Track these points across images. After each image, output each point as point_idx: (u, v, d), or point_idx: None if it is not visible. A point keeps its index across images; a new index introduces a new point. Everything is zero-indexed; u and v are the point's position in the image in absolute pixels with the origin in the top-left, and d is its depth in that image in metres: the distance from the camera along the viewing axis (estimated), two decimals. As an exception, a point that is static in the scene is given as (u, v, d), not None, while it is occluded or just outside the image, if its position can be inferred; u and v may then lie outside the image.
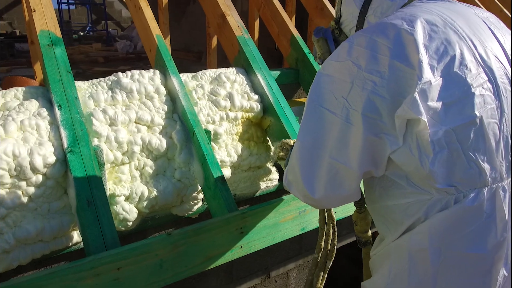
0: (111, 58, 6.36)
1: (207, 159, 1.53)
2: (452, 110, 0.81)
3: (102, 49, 7.19)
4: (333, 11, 2.57)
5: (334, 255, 1.43)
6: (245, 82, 1.92)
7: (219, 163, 1.69)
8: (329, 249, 1.43)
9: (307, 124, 0.94)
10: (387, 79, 0.82)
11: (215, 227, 1.34)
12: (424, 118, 0.79)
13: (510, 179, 0.89)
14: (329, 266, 1.45)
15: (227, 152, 1.77)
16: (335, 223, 1.41)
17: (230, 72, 1.90)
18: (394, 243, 0.94)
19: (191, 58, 6.21)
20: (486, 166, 0.84)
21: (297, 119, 1.92)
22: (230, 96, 1.79)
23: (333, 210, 1.44)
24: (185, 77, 1.81)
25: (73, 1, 11.71)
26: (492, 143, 0.84)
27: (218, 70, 1.90)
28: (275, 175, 1.97)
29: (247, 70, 1.98)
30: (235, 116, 1.79)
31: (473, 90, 0.82)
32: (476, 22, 0.92)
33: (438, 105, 0.80)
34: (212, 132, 1.71)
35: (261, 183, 1.96)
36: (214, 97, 1.77)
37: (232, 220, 1.37)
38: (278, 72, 2.18)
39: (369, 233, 1.32)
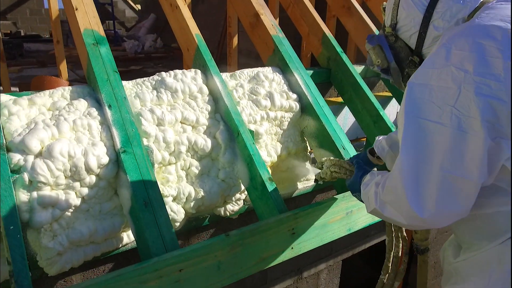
0: (121, 58, 6.32)
1: (253, 159, 1.52)
2: None
3: (111, 49, 7.13)
4: (360, 8, 2.56)
5: (404, 275, 1.35)
6: (283, 81, 1.90)
7: (262, 163, 1.67)
8: (399, 270, 1.39)
9: (408, 139, 0.87)
10: (503, 82, 0.78)
11: (270, 227, 1.32)
12: None
13: None
14: (397, 287, 1.42)
15: (267, 152, 1.76)
16: (407, 244, 1.34)
17: (268, 71, 1.89)
18: (496, 249, 0.91)
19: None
20: None
21: (335, 118, 1.90)
22: (270, 95, 1.77)
23: (404, 230, 1.36)
24: (224, 76, 1.80)
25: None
26: None
27: (256, 69, 1.88)
28: (311, 175, 1.95)
29: (282, 69, 1.97)
30: (275, 116, 1.78)
31: None
32: None
33: None
34: (254, 132, 1.69)
35: (298, 183, 1.95)
36: (254, 97, 1.75)
37: (285, 221, 1.36)
38: (311, 71, 2.16)
39: (429, 240, 1.30)
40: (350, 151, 1.75)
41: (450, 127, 0.81)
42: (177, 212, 1.47)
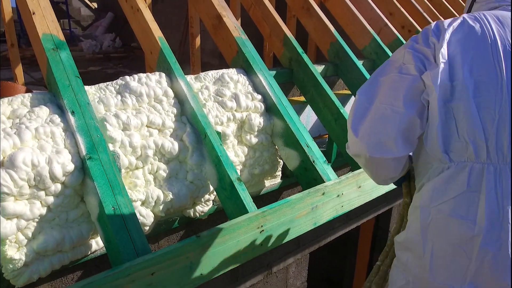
0: (78, 59, 6.08)
1: (221, 160, 1.55)
2: (458, 89, 1.02)
3: (67, 49, 6.87)
4: (318, 9, 2.65)
5: None
6: (247, 82, 1.94)
7: (229, 164, 1.71)
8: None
9: (369, 82, 1.14)
10: (431, 48, 1.08)
11: (239, 226, 1.36)
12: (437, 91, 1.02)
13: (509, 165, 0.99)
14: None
15: (234, 152, 1.80)
16: None
17: (232, 73, 1.92)
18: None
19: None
20: (471, 142, 1.00)
21: (299, 117, 1.97)
22: (235, 97, 1.81)
23: None
24: (189, 78, 1.81)
25: None
26: (479, 124, 1.00)
27: (221, 71, 1.91)
28: (277, 173, 2.02)
29: (247, 70, 2.01)
30: (241, 117, 1.82)
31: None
32: None
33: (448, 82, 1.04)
34: (221, 133, 1.73)
35: (265, 181, 2.00)
36: (220, 98, 1.78)
37: (254, 219, 1.40)
38: (274, 72, 2.22)
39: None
40: (313, 148, 1.83)
41: (394, 74, 1.08)
42: (146, 216, 1.48)
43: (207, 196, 1.68)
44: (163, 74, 1.72)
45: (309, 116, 2.36)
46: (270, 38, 2.44)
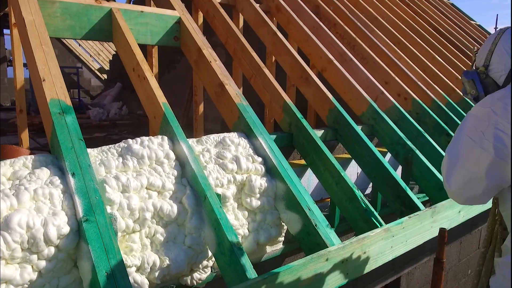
0: (85, 126, 6.27)
1: (221, 223, 1.51)
2: None
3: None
4: (316, 78, 2.78)
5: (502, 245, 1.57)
6: (248, 145, 1.97)
7: (229, 228, 1.67)
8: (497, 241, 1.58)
9: (454, 143, 1.29)
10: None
11: (238, 295, 1.29)
12: None
13: None
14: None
15: (234, 215, 1.76)
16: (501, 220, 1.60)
17: (234, 136, 1.96)
18: None
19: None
20: None
21: (300, 180, 1.96)
22: (236, 159, 1.82)
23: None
24: (191, 142, 1.84)
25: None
26: None
27: (222, 135, 1.95)
28: (280, 238, 1.95)
29: (247, 134, 2.05)
30: (242, 179, 1.81)
31: None
32: None
33: None
34: (221, 196, 1.71)
35: (267, 247, 1.93)
36: (221, 160, 1.80)
37: (255, 286, 1.33)
38: (274, 136, 2.26)
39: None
40: (315, 211, 1.79)
41: (476, 144, 1.21)
42: (141, 284, 1.40)
43: (205, 262, 1.61)
44: (166, 137, 1.75)
45: (310, 180, 2.36)
46: (270, 105, 2.53)
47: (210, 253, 1.60)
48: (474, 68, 1.48)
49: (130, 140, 1.66)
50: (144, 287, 1.41)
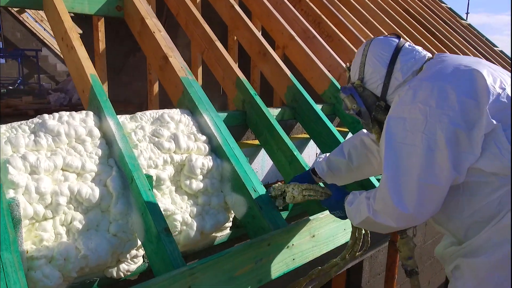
0: (43, 111, 5.91)
1: (147, 208, 1.34)
2: None
3: (33, 102, 6.72)
4: (274, 54, 2.61)
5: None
6: (191, 122, 1.79)
7: (163, 212, 1.50)
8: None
9: (390, 159, 1.16)
10: (459, 111, 1.09)
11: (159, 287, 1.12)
12: (497, 122, 1.08)
13: None
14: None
15: (171, 199, 1.59)
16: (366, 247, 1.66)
17: (175, 113, 1.77)
18: (494, 228, 1.12)
19: (133, 110, 5.98)
20: None
21: (247, 160, 1.81)
22: (175, 137, 1.64)
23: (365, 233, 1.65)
24: (123, 118, 1.65)
25: (2, 55, 11.10)
26: None
27: (161, 111, 1.76)
28: (227, 224, 1.80)
29: (192, 111, 1.87)
30: (181, 159, 1.64)
31: None
32: (491, 65, 1.21)
33: (505, 112, 1.10)
34: (155, 178, 1.53)
35: (215, 234, 1.77)
36: (156, 139, 1.61)
37: (179, 278, 1.17)
38: (225, 114, 2.09)
39: (415, 261, 1.50)
40: (261, 192, 1.64)
41: (422, 148, 1.11)
42: (51, 277, 1.22)
43: (134, 252, 1.44)
44: (91, 113, 1.55)
45: (264, 161, 2.21)
46: (223, 81, 2.35)
47: (139, 242, 1.43)
48: (350, 83, 1.43)
49: (45, 115, 1.45)
50: (54, 280, 1.22)
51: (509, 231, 1.10)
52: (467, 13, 10.28)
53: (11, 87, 10.31)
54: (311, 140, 2.43)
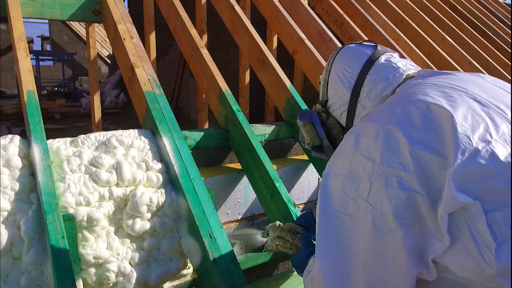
0: (69, 115, 6.00)
1: (53, 262, 1.07)
2: (509, 184, 0.63)
3: (66, 105, 6.87)
4: (275, 62, 2.27)
5: None
6: (148, 147, 1.51)
7: (92, 261, 1.23)
8: None
9: (325, 237, 0.76)
10: (414, 171, 0.66)
11: None
12: (472, 200, 0.62)
13: None
14: None
15: (108, 243, 1.31)
16: None
17: (127, 135, 1.50)
18: None
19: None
20: None
21: (211, 193, 1.49)
22: (117, 167, 1.37)
23: None
24: (61, 142, 1.40)
25: (50, 58, 11.67)
26: None
27: (111, 133, 1.50)
28: (186, 270, 1.49)
29: (154, 132, 1.59)
30: (124, 193, 1.36)
31: None
32: (490, 88, 0.77)
33: (488, 182, 0.64)
34: (85, 217, 1.26)
35: (167, 282, 1.48)
36: (93, 169, 1.35)
37: None
38: (202, 133, 1.79)
39: None
40: (219, 239, 1.32)
41: (367, 225, 0.70)
42: None
43: (49, 310, 1.18)
44: (17, 138, 1.32)
45: (248, 188, 1.88)
46: (208, 93, 2.05)
47: (55, 299, 1.17)
48: (315, 106, 1.08)
49: (-44, 141, 1.23)
50: None
51: None
52: (531, 9, 9.14)
53: (56, 89, 10.81)
54: (311, 163, 2.06)
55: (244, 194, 1.89)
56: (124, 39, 1.83)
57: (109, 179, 1.34)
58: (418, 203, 0.66)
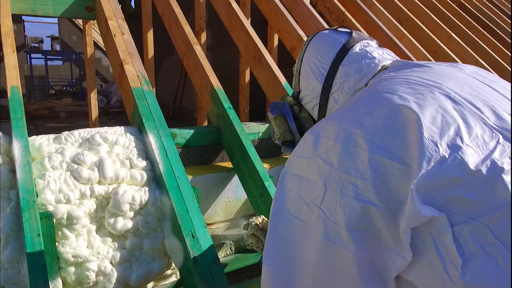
0: (75, 114, 6.04)
1: (28, 260, 1.05)
2: (478, 195, 0.56)
3: (72, 104, 6.94)
4: (270, 59, 2.23)
5: None
6: (133, 144, 1.49)
7: (71, 259, 1.21)
8: None
9: (274, 240, 0.69)
10: (371, 180, 0.59)
11: None
12: (437, 213, 0.56)
13: None
14: None
15: (88, 242, 1.29)
16: None
17: (112, 132, 1.48)
18: None
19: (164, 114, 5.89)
20: None
21: (197, 192, 1.46)
22: (99, 164, 1.34)
23: None
24: (44, 139, 1.39)
25: (59, 58, 11.80)
26: None
27: (96, 129, 1.48)
28: (169, 271, 1.46)
29: (141, 129, 1.56)
30: (106, 191, 1.33)
31: (499, 163, 0.56)
32: (468, 82, 0.69)
33: (455, 193, 0.56)
34: (65, 215, 1.24)
35: (150, 284, 1.45)
36: (75, 166, 1.32)
37: None
38: (192, 131, 1.76)
39: None
40: (202, 239, 1.29)
41: (316, 233, 0.64)
42: None
43: (25, 309, 1.16)
44: (0, 134, 1.30)
45: (240, 188, 1.84)
46: (200, 91, 2.02)
47: (31, 298, 1.14)
48: (287, 98, 1.01)
49: None
50: None
51: None
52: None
53: (64, 88, 10.92)
54: (305, 162, 2.01)
55: (235, 194, 1.85)
56: (114, 35, 1.81)
57: (91, 177, 1.31)
58: (373, 216, 0.59)
